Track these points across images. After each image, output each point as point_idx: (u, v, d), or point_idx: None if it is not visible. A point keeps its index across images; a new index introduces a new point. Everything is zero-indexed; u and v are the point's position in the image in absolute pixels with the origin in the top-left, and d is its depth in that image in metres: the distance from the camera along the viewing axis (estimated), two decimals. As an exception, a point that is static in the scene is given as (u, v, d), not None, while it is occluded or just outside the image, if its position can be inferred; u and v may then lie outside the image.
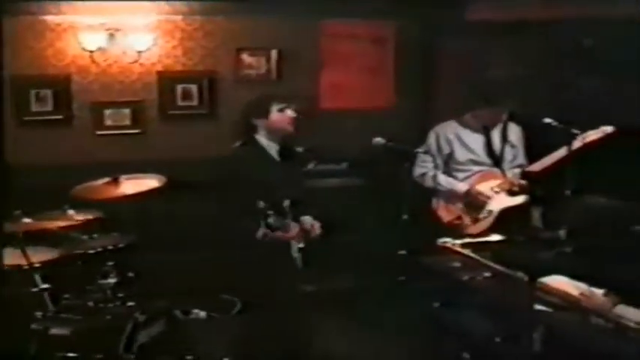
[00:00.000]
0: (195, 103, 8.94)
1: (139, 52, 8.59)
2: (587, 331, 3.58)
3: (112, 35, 8.52)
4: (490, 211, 6.45)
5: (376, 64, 9.44)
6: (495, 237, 5.07)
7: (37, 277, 5.42)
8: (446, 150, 6.66)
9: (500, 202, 6.50)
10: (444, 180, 6.63)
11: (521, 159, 6.77)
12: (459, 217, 6.51)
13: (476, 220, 6.46)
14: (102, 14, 8.46)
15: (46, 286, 5.41)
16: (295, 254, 5.47)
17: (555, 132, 6.03)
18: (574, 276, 4.00)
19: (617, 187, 5.59)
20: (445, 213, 6.67)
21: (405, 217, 5.56)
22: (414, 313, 4.71)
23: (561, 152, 6.03)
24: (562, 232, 4.95)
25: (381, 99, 9.24)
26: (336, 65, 9.23)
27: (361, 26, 9.39)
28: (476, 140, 6.68)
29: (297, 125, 5.99)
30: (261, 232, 5.44)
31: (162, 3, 8.63)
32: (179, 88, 8.88)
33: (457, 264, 4.65)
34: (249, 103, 6.20)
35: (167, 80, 8.83)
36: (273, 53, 9.08)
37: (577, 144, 5.92)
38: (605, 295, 3.75)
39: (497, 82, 6.76)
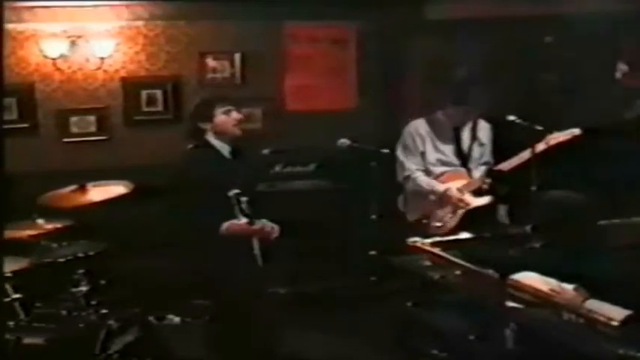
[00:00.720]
0: (160, 108, 8.91)
1: (102, 58, 8.56)
2: (559, 327, 3.62)
3: (73, 42, 8.48)
4: (455, 212, 6.43)
5: (339, 65, 9.46)
6: (464, 235, 5.10)
7: (8, 287, 5.42)
8: (420, 147, 6.59)
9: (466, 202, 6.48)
10: (424, 181, 6.53)
11: (487, 156, 6.74)
12: (425, 217, 6.45)
13: (441, 220, 6.42)
14: (63, 21, 8.42)
15: (17, 295, 5.41)
16: (256, 252, 5.51)
17: (520, 129, 6.11)
18: (543, 271, 4.04)
19: (581, 183, 5.67)
20: (411, 213, 6.60)
21: (374, 217, 5.61)
22: (387, 312, 4.75)
23: (529, 152, 6.10)
24: (529, 228, 5.00)
25: (345, 100, 9.28)
26: (300, 67, 9.25)
27: (322, 28, 9.41)
28: (445, 140, 6.64)
29: (242, 126, 6.02)
30: (225, 225, 5.48)
31: (124, 9, 8.63)
32: (144, 93, 8.86)
33: (427, 263, 4.67)
34: (195, 107, 6.26)
35: (131, 86, 8.81)
36: (237, 57, 9.08)
37: (544, 145, 6.01)
38: (575, 290, 3.80)
39: (464, 81, 6.74)
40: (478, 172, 6.61)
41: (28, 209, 5.85)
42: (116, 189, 6.15)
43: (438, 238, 4.95)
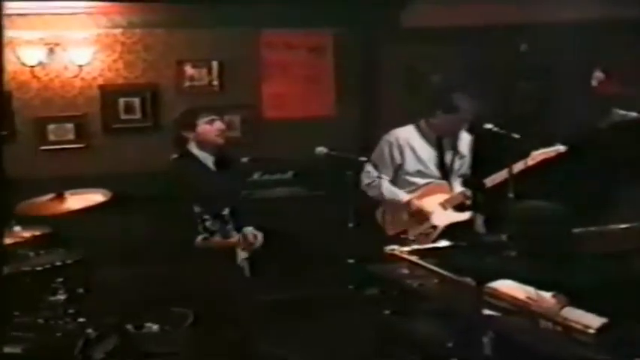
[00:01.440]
0: (138, 116, 8.91)
1: (80, 66, 8.55)
2: (536, 335, 3.65)
3: (51, 50, 8.48)
4: (434, 227, 6.39)
5: (316, 73, 9.48)
6: (441, 243, 5.12)
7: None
8: (397, 159, 6.51)
9: (446, 217, 6.44)
10: (387, 190, 6.46)
11: (465, 168, 6.72)
12: (404, 232, 6.39)
13: (420, 235, 6.36)
14: (40, 29, 8.42)
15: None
16: (241, 264, 5.51)
17: (499, 137, 6.14)
18: (520, 279, 4.07)
19: (556, 191, 5.71)
20: (390, 226, 6.57)
21: (351, 225, 5.62)
22: (365, 320, 4.76)
23: (517, 167, 6.14)
24: (505, 237, 5.01)
25: (322, 108, 9.29)
26: (277, 75, 9.26)
27: (299, 36, 9.42)
28: (427, 151, 6.57)
29: (226, 136, 6.15)
30: (199, 238, 5.49)
31: (101, 17, 8.63)
32: (121, 101, 8.85)
33: (405, 271, 4.69)
34: (179, 116, 6.40)
35: (109, 94, 8.80)
36: (214, 64, 9.09)
37: (530, 161, 6.06)
38: (553, 297, 3.83)
39: (452, 89, 6.69)
40: (458, 184, 6.54)
41: (5, 216, 5.84)
42: (94, 197, 6.14)
43: (415, 246, 4.96)
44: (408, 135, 6.59)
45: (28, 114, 8.53)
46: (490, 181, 6.13)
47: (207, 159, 6.01)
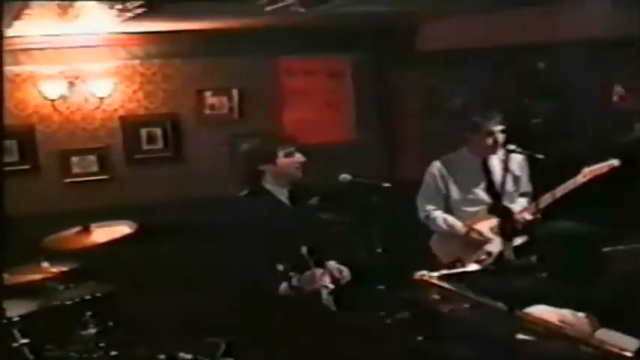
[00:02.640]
0: (160, 146, 8.95)
1: (101, 98, 8.61)
2: (570, 359, 3.64)
3: (71, 83, 8.53)
4: (490, 253, 6.19)
5: (335, 98, 9.52)
6: (470, 267, 5.09)
7: (16, 332, 5.42)
8: (442, 190, 6.38)
9: (499, 243, 6.11)
10: (442, 221, 6.33)
11: (525, 187, 6.49)
12: (459, 260, 5.91)
13: (476, 262, 5.90)
14: (60, 63, 8.47)
15: (25, 340, 5.41)
16: (326, 301, 5.30)
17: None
18: (551, 302, 4.07)
19: (582, 210, 5.69)
20: (443, 254, 6.38)
21: (379, 250, 5.60)
22: (397, 346, 4.75)
23: (568, 185, 6.09)
24: (534, 259, 4.99)
25: (343, 133, 9.32)
26: (297, 101, 9.29)
27: (317, 62, 9.47)
28: (473, 177, 6.38)
29: (305, 169, 5.78)
30: (284, 286, 5.28)
31: (120, 49, 8.69)
32: (143, 132, 8.90)
33: (436, 296, 4.67)
34: (253, 149, 6.05)
35: (130, 125, 8.85)
36: (234, 92, 9.13)
37: (582, 178, 6.01)
38: (585, 319, 3.82)
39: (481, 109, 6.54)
40: (516, 205, 6.35)
41: (33, 252, 5.88)
42: (120, 229, 6.18)
43: (444, 271, 4.91)
44: (449, 163, 6.45)
45: (51, 147, 8.56)
46: (542, 202, 5.97)
47: (281, 193, 5.73)
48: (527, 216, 6.07)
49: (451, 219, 6.33)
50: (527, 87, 9.01)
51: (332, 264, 5.65)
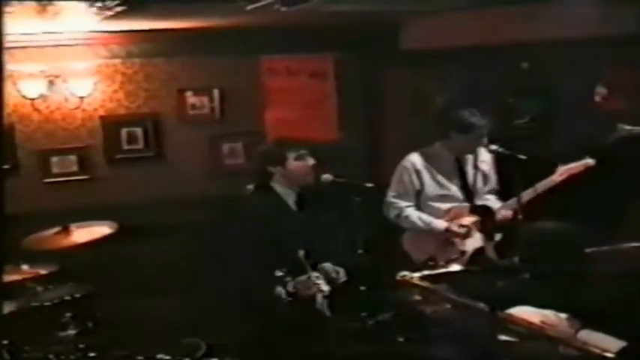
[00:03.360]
0: (140, 146, 8.87)
1: (81, 97, 8.51)
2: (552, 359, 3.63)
3: (51, 82, 8.43)
4: (463, 252, 6.28)
5: (317, 97, 9.47)
6: (452, 268, 5.08)
7: (-5, 333, 5.37)
8: (416, 185, 6.35)
9: (474, 241, 6.35)
10: (417, 218, 6.32)
11: (492, 184, 6.60)
12: (432, 258, 6.02)
13: (449, 261, 6.05)
14: (40, 61, 8.39)
15: (4, 342, 5.36)
16: (320, 306, 5.26)
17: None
18: (533, 303, 4.06)
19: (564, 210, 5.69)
20: (417, 253, 6.36)
21: (361, 251, 5.58)
22: (379, 348, 4.73)
23: (544, 184, 6.15)
24: (517, 260, 4.98)
25: (325, 133, 9.26)
26: (279, 101, 9.24)
27: (299, 61, 9.43)
28: (447, 174, 6.43)
29: (315, 173, 5.73)
30: (282, 292, 5.22)
31: (101, 47, 8.63)
32: (124, 131, 8.82)
33: (418, 297, 4.66)
34: (264, 151, 5.93)
35: (111, 124, 8.77)
36: (216, 92, 9.08)
37: (558, 177, 6.02)
38: (567, 320, 3.81)
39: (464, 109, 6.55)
40: (491, 202, 6.48)
41: (12, 253, 5.81)
42: (100, 229, 6.15)
43: (426, 272, 4.90)
44: (424, 159, 6.45)
45: (31, 147, 8.47)
46: (522, 197, 6.03)
47: (289, 196, 5.71)
48: (507, 213, 6.18)
49: (427, 216, 6.30)
50: (512, 87, 9.01)
51: (328, 266, 5.61)
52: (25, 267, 5.93)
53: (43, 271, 6.00)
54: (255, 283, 5.23)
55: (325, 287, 5.32)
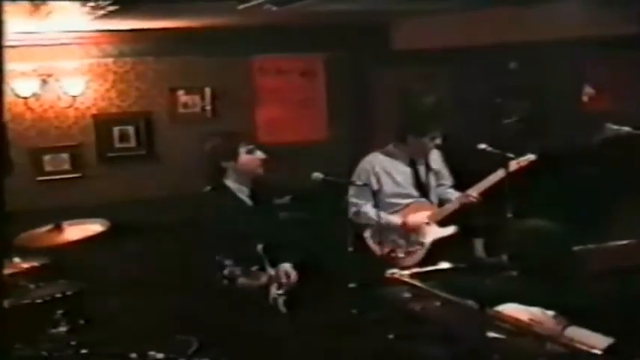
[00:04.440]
0: (132, 144, 8.93)
1: (74, 96, 8.57)
2: (542, 356, 3.66)
3: (44, 81, 8.49)
4: (422, 243, 6.46)
5: (308, 97, 9.53)
6: (442, 266, 5.10)
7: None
8: (374, 185, 6.43)
9: (432, 233, 6.51)
10: (375, 215, 6.28)
11: (444, 179, 6.88)
12: (393, 251, 6.28)
13: (408, 253, 6.42)
14: (32, 60, 8.42)
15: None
16: (274, 301, 5.28)
17: (486, 157, 6.21)
18: (521, 300, 4.08)
19: (552, 209, 5.73)
20: (377, 246, 6.40)
21: (351, 249, 5.62)
22: (368, 345, 4.75)
23: (491, 178, 6.35)
24: (505, 257, 5.02)
25: (315, 132, 9.32)
26: (270, 100, 9.30)
27: (290, 60, 9.48)
28: (402, 173, 6.64)
29: (266, 166, 5.78)
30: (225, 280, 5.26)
31: (93, 47, 8.66)
32: (116, 130, 8.88)
33: (407, 294, 4.69)
34: (215, 145, 5.93)
35: (103, 123, 8.83)
36: (207, 91, 9.12)
37: (504, 171, 6.15)
38: (555, 317, 3.84)
39: (424, 111, 6.75)
40: (435, 197, 6.75)
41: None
42: (92, 227, 6.16)
43: (416, 269, 4.94)
44: (381, 160, 6.66)
45: (24, 145, 8.51)
46: (476, 189, 6.44)
47: (243, 192, 5.74)
48: (472, 198, 6.46)
49: (384, 215, 6.32)
50: (500, 87, 9.05)
51: (285, 266, 5.58)
52: (16, 260, 5.93)
53: (35, 267, 6.00)
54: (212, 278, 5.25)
55: (275, 288, 5.34)
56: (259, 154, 5.76)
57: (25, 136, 8.52)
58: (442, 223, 6.55)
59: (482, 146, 6.25)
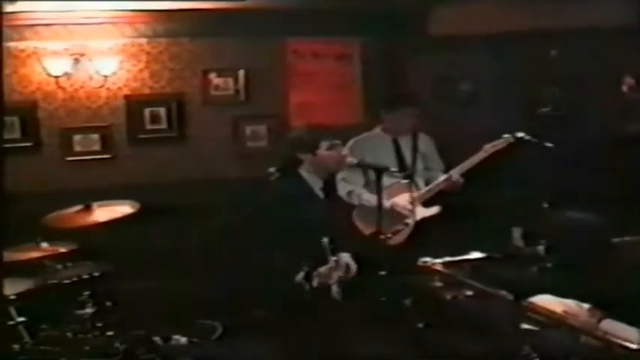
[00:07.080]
0: (164, 126, 8.85)
1: (105, 76, 8.52)
2: (575, 349, 3.57)
3: (76, 60, 8.44)
4: (407, 223, 6.46)
5: (343, 81, 9.43)
6: (475, 255, 5.01)
7: (12, 310, 5.36)
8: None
9: (419, 212, 6.54)
10: (367, 197, 6.47)
11: (433, 163, 6.97)
12: (379, 231, 5.83)
13: (395, 233, 6.39)
14: (65, 39, 8.40)
15: (22, 319, 5.36)
16: (335, 294, 5.20)
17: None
18: (556, 291, 4.00)
19: (590, 200, 5.64)
20: (366, 226, 6.43)
21: (382, 237, 5.53)
22: (398, 334, 4.67)
23: (472, 160, 6.43)
24: (541, 248, 4.95)
25: (349, 116, 9.20)
26: (304, 83, 9.21)
27: (325, 44, 9.38)
28: (387, 154, 6.70)
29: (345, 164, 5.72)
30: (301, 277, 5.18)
31: (127, 26, 8.61)
32: (147, 111, 8.80)
33: (439, 283, 4.61)
34: (296, 137, 5.82)
35: (135, 104, 8.76)
36: (241, 74, 9.03)
37: (484, 153, 6.35)
38: (590, 310, 3.75)
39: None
40: (422, 182, 6.79)
41: (32, 230, 5.81)
42: (122, 209, 6.12)
43: (448, 258, 4.86)
44: (366, 141, 6.78)
45: (54, 125, 8.50)
46: (459, 169, 6.48)
47: (316, 184, 5.64)
48: (454, 179, 6.51)
49: (370, 195, 6.39)
50: (538, 74, 8.93)
51: (345, 258, 5.46)
52: (44, 243, 5.89)
53: (62, 248, 5.96)
54: (276, 268, 5.17)
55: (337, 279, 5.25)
56: (340, 151, 5.67)
57: (56, 115, 8.51)
58: (427, 203, 6.60)
59: (521, 135, 6.20)
